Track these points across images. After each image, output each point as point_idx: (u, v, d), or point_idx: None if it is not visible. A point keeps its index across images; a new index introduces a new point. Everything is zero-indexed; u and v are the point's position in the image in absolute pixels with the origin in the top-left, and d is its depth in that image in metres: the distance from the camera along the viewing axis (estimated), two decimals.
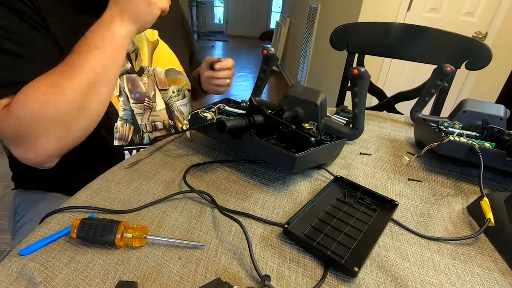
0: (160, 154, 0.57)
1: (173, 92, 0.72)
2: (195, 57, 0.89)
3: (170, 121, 0.70)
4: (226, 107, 0.61)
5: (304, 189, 0.51)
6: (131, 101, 0.63)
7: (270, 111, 0.53)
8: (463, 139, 0.57)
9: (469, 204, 0.49)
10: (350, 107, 0.84)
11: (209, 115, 0.56)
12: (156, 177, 0.51)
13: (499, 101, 2.06)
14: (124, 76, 0.62)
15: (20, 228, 0.63)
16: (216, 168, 0.54)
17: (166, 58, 0.71)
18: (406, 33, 1.07)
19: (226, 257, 0.37)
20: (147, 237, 0.38)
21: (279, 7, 6.59)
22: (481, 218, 0.44)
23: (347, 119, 0.76)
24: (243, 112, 0.57)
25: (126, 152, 0.63)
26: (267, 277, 0.33)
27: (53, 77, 0.45)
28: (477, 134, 0.63)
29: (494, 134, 0.61)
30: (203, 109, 0.58)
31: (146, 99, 0.66)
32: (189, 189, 0.47)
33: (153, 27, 0.63)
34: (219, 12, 7.35)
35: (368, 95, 1.20)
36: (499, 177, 0.58)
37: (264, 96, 3.55)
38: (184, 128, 0.72)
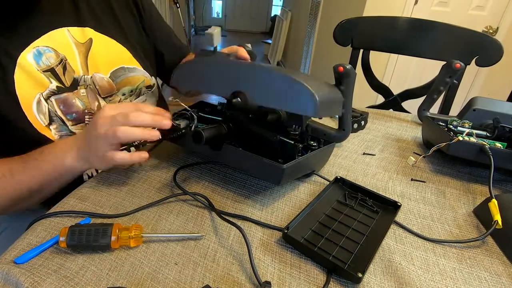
0: (152, 155, 0.58)
1: (123, 95, 0.64)
2: (174, 42, 0.80)
3: None
4: (203, 113, 0.56)
5: (303, 191, 0.51)
6: (69, 123, 0.57)
7: (251, 115, 0.50)
8: (473, 139, 0.58)
9: (476, 206, 0.50)
10: (354, 105, 0.84)
11: (182, 123, 0.52)
12: (150, 179, 0.51)
13: (510, 99, 2.06)
14: (52, 99, 0.55)
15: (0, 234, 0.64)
16: (212, 169, 0.55)
17: (108, 58, 0.62)
18: (413, 28, 1.07)
19: (224, 262, 0.37)
20: (143, 235, 0.38)
21: (280, 0, 6.60)
22: (488, 220, 0.44)
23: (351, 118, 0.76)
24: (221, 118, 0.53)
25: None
26: (268, 283, 0.34)
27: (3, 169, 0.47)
28: (488, 134, 0.63)
29: (505, 134, 0.61)
30: (175, 116, 0.53)
31: (87, 116, 0.59)
32: (186, 190, 0.47)
33: (84, 25, 0.58)
34: (217, 6, 7.36)
35: (374, 93, 1.21)
36: (510, 178, 0.58)
37: None
38: None
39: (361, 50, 1.13)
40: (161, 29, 0.76)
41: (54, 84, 0.55)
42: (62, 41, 0.56)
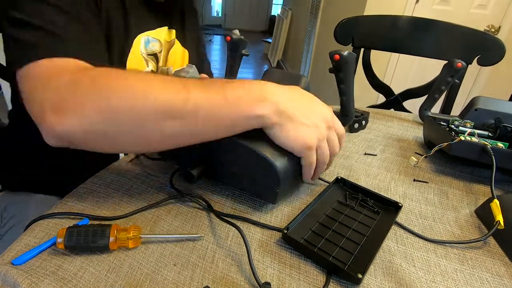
0: (151, 155, 0.58)
1: None
2: (203, 54, 0.87)
3: None
4: None
5: (303, 191, 0.51)
6: None
7: None
8: (474, 139, 0.58)
9: (478, 206, 0.50)
10: (357, 107, 0.84)
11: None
12: (149, 179, 0.51)
13: None
14: None
15: (5, 234, 0.64)
16: None
17: (180, 57, 0.74)
18: (415, 27, 1.07)
19: (223, 263, 0.37)
20: (142, 236, 0.38)
21: None
22: (490, 221, 0.44)
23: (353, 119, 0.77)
24: None
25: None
26: (267, 284, 0.34)
27: (157, 77, 0.40)
28: (490, 134, 0.63)
29: (507, 134, 0.61)
30: None
31: None
32: (183, 192, 0.47)
33: (172, 27, 0.69)
34: (216, 5, 7.36)
35: (375, 92, 1.21)
36: None
37: None
38: None
39: (362, 49, 1.13)
40: (203, 41, 0.88)
41: (149, 68, 0.64)
42: (163, 37, 0.67)
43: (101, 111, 0.36)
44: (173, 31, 0.71)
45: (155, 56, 0.65)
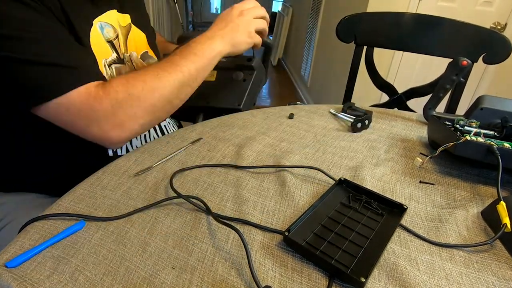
0: (150, 155, 0.58)
1: None
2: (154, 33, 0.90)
3: None
4: None
5: (305, 193, 0.51)
6: None
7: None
8: (480, 139, 0.58)
9: (484, 208, 0.50)
10: (357, 104, 0.84)
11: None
12: (147, 180, 0.51)
13: None
14: (113, 66, 0.64)
15: None
16: (212, 171, 0.55)
17: (139, 42, 0.74)
18: (419, 24, 1.07)
19: (223, 267, 0.37)
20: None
21: None
22: (496, 223, 0.44)
23: (354, 117, 0.77)
24: None
25: None
26: None
27: (155, 69, 0.56)
28: (496, 134, 0.63)
29: None
30: None
31: None
32: (182, 194, 0.47)
33: (125, 12, 0.70)
34: (215, 1, 7.36)
35: (378, 91, 1.21)
36: None
37: (265, 91, 3.51)
38: None
39: (365, 47, 1.13)
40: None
41: (114, 55, 0.65)
42: (115, 21, 0.66)
43: (146, 115, 0.55)
44: (127, 15, 0.71)
45: (111, 43, 0.65)
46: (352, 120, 0.76)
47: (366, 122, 0.75)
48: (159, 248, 0.40)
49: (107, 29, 0.63)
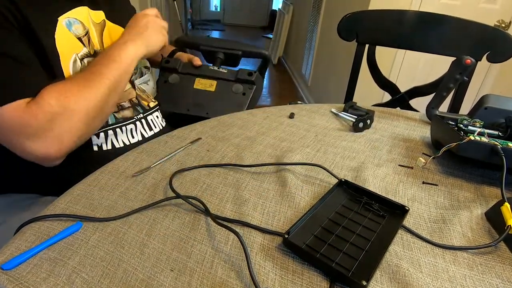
0: (149, 156, 0.58)
1: None
2: None
3: (135, 98, 0.76)
4: None
5: (306, 194, 0.51)
6: None
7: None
8: (484, 139, 0.58)
9: (488, 209, 0.50)
10: (359, 103, 0.84)
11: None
12: (145, 181, 0.51)
13: None
14: (85, 60, 0.65)
15: None
16: (212, 171, 0.55)
17: (117, 37, 0.72)
18: (422, 22, 1.07)
19: (222, 269, 0.37)
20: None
21: None
22: (501, 224, 0.44)
23: (356, 117, 0.77)
24: None
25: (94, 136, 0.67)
26: None
27: (82, 81, 0.57)
28: (500, 133, 0.63)
29: None
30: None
31: None
32: (181, 195, 0.47)
33: (98, 9, 0.71)
34: None
35: (380, 90, 1.21)
36: None
37: (265, 90, 3.49)
38: (151, 105, 0.81)
39: (367, 46, 1.13)
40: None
41: (86, 49, 0.66)
42: (85, 18, 0.67)
43: (82, 126, 0.57)
44: (101, 12, 0.72)
45: (80, 40, 0.65)
46: (354, 120, 0.75)
47: (368, 121, 0.75)
48: (157, 249, 0.40)
49: (75, 26, 0.64)
